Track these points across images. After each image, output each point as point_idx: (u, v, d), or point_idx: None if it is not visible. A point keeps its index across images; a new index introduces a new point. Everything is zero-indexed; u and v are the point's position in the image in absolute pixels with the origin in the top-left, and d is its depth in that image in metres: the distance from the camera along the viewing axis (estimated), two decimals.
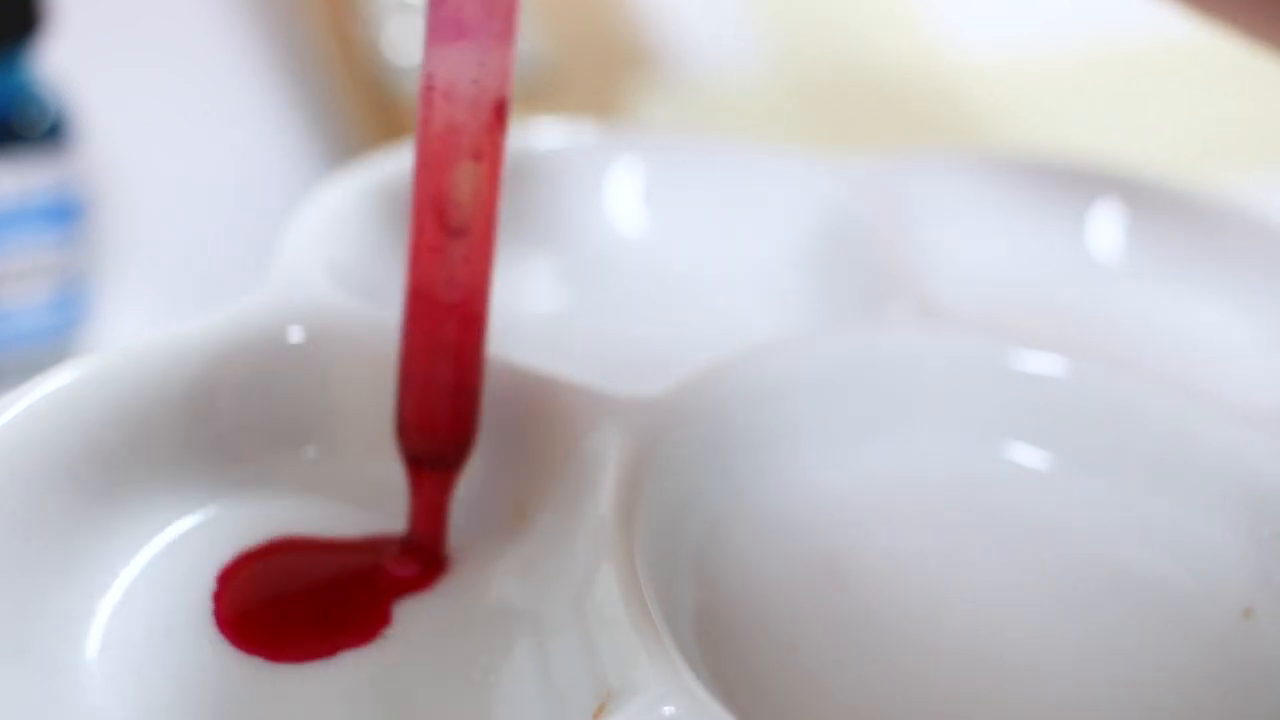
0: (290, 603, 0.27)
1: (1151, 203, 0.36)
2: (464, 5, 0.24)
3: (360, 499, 0.28)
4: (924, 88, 0.49)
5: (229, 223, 0.44)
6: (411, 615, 0.27)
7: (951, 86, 0.49)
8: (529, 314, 0.34)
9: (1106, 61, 0.50)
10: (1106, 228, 0.36)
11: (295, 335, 0.28)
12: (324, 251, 0.30)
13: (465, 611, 0.27)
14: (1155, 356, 0.33)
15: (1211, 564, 0.30)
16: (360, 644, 0.26)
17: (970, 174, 0.36)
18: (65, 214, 0.39)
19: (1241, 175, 0.46)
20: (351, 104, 0.46)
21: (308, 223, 0.31)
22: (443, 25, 0.25)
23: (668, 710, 0.24)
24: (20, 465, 0.26)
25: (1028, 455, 0.31)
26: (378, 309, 0.29)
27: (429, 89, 0.25)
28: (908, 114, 0.48)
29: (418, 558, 0.27)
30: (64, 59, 0.40)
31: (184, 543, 0.27)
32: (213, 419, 0.28)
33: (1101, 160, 0.37)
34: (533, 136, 0.35)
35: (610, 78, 0.47)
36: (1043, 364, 0.31)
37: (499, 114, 0.25)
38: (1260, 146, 0.48)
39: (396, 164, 0.32)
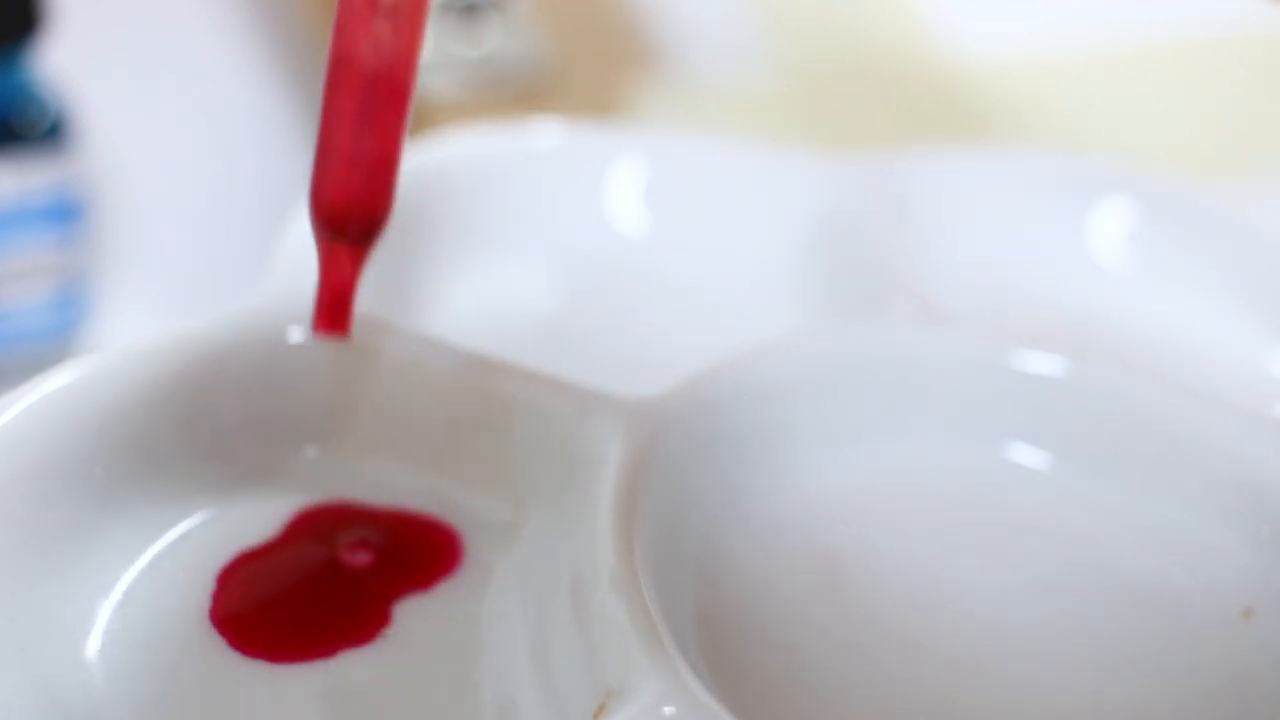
0: (290, 603, 0.27)
1: (1152, 202, 0.36)
2: None
3: (360, 499, 0.28)
4: (924, 87, 0.49)
5: (229, 223, 0.44)
6: (411, 615, 0.27)
7: (952, 86, 0.49)
8: (529, 314, 0.34)
9: (1107, 62, 0.50)
10: (1107, 227, 0.36)
11: (295, 335, 0.28)
12: None
13: (465, 611, 0.27)
14: (1156, 357, 0.33)
15: (1212, 564, 0.30)
16: (360, 644, 0.26)
17: (970, 174, 0.36)
18: (65, 214, 0.39)
19: (1242, 175, 0.46)
20: None
21: (308, 223, 0.31)
22: None
23: (668, 710, 0.24)
24: (20, 465, 0.26)
25: (1028, 456, 0.31)
26: (377, 309, 0.29)
27: None
28: (908, 113, 0.48)
29: (325, 323, 0.27)
30: (64, 59, 0.40)
31: (184, 543, 0.27)
32: (213, 419, 0.28)
33: (1102, 160, 0.37)
34: (533, 136, 0.35)
35: (610, 77, 0.47)
36: (1043, 364, 0.31)
37: None
38: (1261, 146, 0.48)
39: None
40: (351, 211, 0.27)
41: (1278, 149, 0.48)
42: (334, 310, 0.27)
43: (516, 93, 0.45)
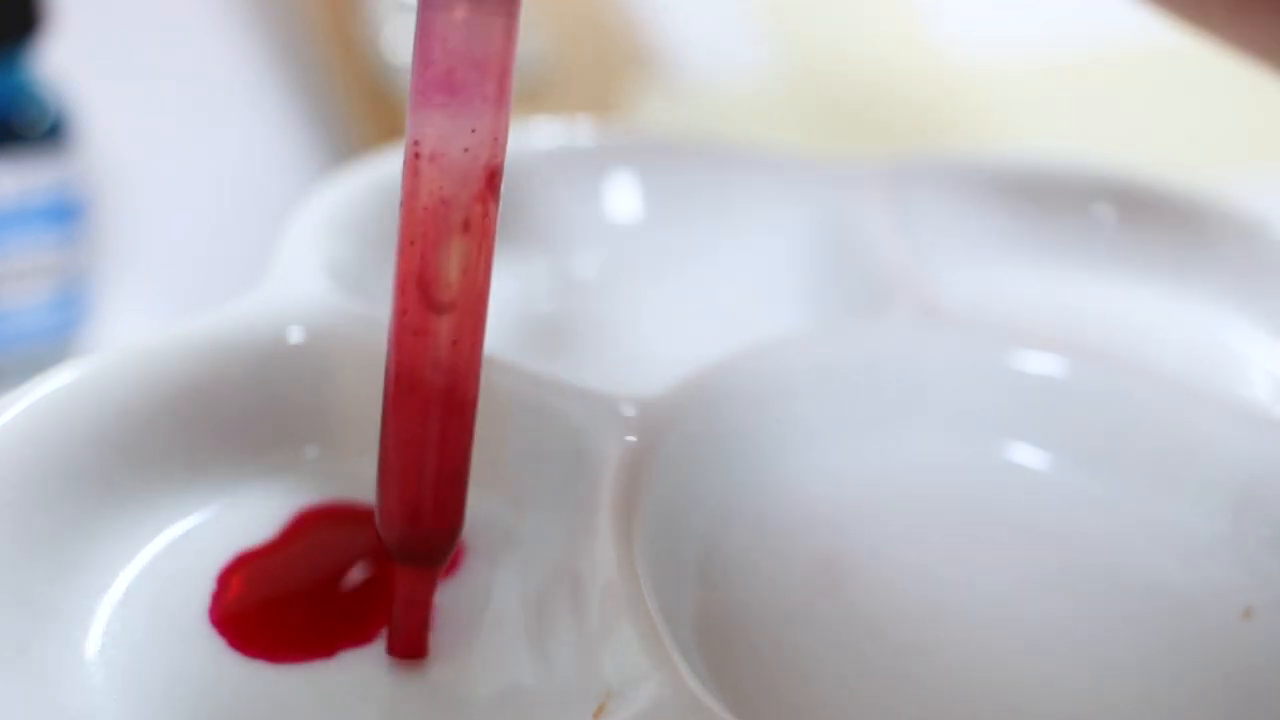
0: (289, 603, 0.27)
1: (1149, 203, 0.36)
2: (455, 66, 0.23)
3: (360, 498, 0.28)
4: (923, 89, 0.49)
5: (229, 223, 0.44)
6: None
7: (951, 88, 0.49)
8: (529, 314, 0.34)
9: (1105, 64, 0.50)
10: (1105, 228, 0.36)
11: (295, 335, 0.28)
12: (324, 251, 0.30)
13: (464, 612, 0.27)
14: (1154, 356, 0.33)
15: (1212, 564, 0.30)
16: (360, 644, 0.26)
17: (970, 175, 0.36)
18: (65, 214, 0.39)
19: (1238, 175, 0.46)
20: (351, 104, 0.46)
21: (308, 223, 0.31)
22: (431, 87, 0.23)
23: (668, 711, 0.24)
24: (20, 465, 0.26)
25: (1028, 455, 0.31)
26: (378, 309, 0.29)
27: (415, 156, 0.23)
28: (907, 115, 0.48)
29: (404, 648, 0.26)
30: (64, 59, 0.40)
31: (184, 542, 0.27)
32: (213, 419, 0.28)
33: (1100, 161, 0.37)
34: (532, 136, 0.35)
35: (610, 78, 0.47)
36: (1043, 364, 0.31)
37: (491, 183, 0.24)
38: (1257, 147, 0.48)
39: (396, 164, 0.32)
40: (423, 536, 0.25)
41: (1272, 148, 0.48)
42: (413, 633, 0.26)
43: (516, 93, 0.45)
